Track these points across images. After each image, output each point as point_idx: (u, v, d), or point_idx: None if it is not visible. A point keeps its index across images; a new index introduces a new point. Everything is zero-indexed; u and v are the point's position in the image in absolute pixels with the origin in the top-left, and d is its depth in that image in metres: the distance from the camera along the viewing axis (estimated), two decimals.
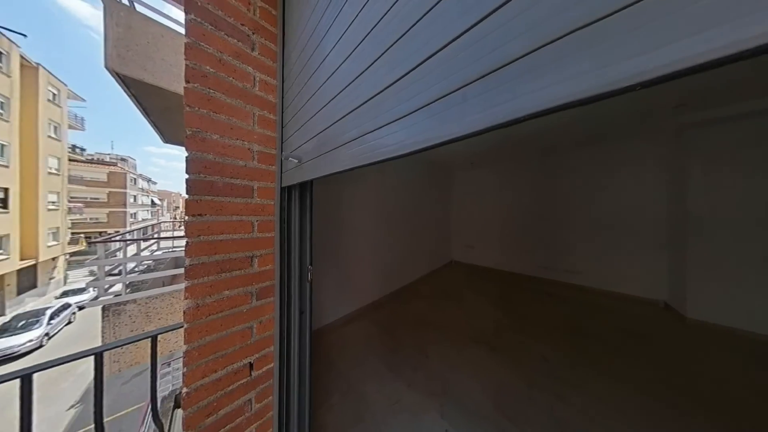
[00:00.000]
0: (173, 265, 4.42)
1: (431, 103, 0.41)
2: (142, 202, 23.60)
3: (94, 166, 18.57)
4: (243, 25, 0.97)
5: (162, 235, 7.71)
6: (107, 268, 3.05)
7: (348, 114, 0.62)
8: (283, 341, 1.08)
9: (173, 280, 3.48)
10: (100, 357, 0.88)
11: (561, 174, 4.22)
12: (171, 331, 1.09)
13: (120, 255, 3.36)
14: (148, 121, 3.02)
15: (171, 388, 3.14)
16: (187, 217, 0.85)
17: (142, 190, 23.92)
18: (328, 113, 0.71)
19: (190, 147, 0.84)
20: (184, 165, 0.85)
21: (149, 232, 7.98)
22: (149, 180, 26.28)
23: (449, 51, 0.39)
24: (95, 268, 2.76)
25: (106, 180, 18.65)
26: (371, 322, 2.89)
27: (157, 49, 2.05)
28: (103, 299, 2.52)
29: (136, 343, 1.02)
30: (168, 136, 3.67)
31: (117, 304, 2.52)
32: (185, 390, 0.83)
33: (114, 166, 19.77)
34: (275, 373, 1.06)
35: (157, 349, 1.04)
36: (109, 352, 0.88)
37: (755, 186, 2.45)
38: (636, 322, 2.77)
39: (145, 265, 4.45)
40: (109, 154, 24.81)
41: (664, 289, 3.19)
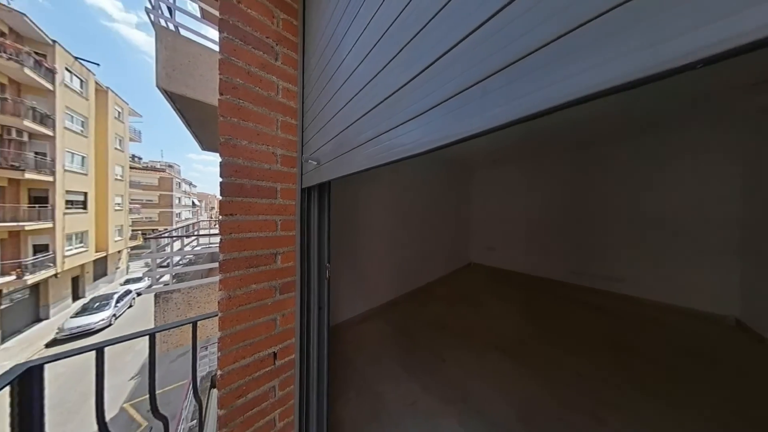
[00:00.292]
0: (210, 260, 4.92)
1: (448, 99, 0.40)
2: (185, 203, 26.77)
3: (148, 172, 21.54)
4: (268, 37, 1.04)
5: (201, 232, 8.65)
6: (158, 261, 3.52)
7: (364, 115, 0.63)
8: (303, 334, 1.14)
9: (209, 273, 3.88)
10: (153, 337, 1.02)
11: (598, 169, 3.78)
12: (208, 319, 1.22)
13: (168, 250, 3.85)
14: (189, 131, 3.40)
15: (208, 369, 3.51)
16: (221, 217, 0.94)
17: (185, 192, 27.13)
18: (344, 116, 0.73)
19: (224, 153, 0.93)
20: (218, 169, 0.94)
21: (190, 229, 9.04)
22: (190, 183, 29.71)
23: (467, 44, 0.37)
24: (149, 261, 3.22)
25: (157, 184, 21.56)
26: (386, 322, 2.90)
27: (196, 66, 2.31)
28: (155, 288, 2.91)
29: (180, 327, 1.16)
30: (205, 143, 4.10)
31: (165, 293, 2.89)
32: (219, 372, 0.92)
33: (163, 172, 22.69)
34: (296, 363, 1.12)
35: (197, 333, 1.17)
36: (159, 333, 1.02)
37: None
38: (698, 341, 2.37)
39: (188, 259, 5.03)
40: (159, 162, 28.51)
41: (734, 303, 2.68)
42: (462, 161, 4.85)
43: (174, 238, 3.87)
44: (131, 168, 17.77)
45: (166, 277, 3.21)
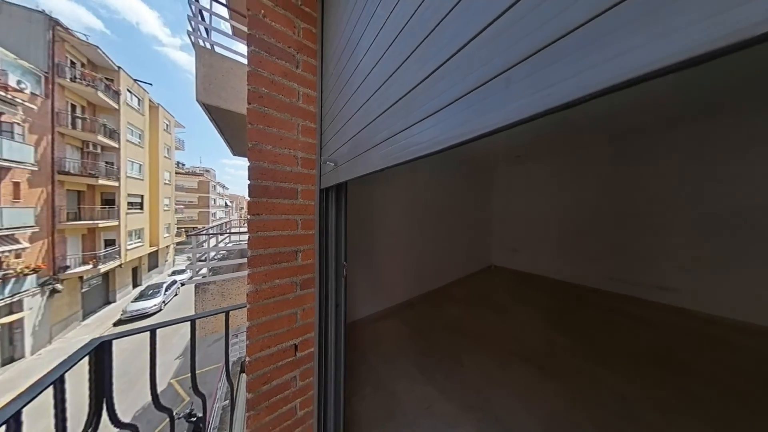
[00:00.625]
0: (239, 255, 5.38)
1: (467, 93, 0.38)
2: (219, 204, 29.77)
3: (189, 177, 24.35)
4: (289, 47, 1.10)
5: (232, 230, 9.53)
6: (197, 255, 3.96)
7: (379, 116, 0.63)
8: (322, 329, 1.19)
9: (239, 267, 4.24)
10: (193, 323, 1.15)
11: (642, 163, 3.31)
12: (238, 309, 1.34)
13: (205, 246, 4.30)
14: (222, 138, 3.76)
15: (238, 355, 3.84)
16: (249, 216, 1.02)
17: (219, 194, 30.16)
18: (360, 117, 0.75)
19: (252, 157, 1.01)
20: (246, 173, 1.02)
21: (224, 227, 10.01)
22: (223, 186, 32.94)
23: (488, 33, 0.35)
24: (190, 255, 3.63)
25: (197, 187, 24.30)
26: (402, 322, 2.88)
27: (228, 80, 2.54)
28: (195, 279, 3.28)
29: (215, 315, 1.29)
30: (236, 149, 4.49)
31: (203, 284, 3.24)
32: (248, 359, 1.00)
33: (201, 176, 25.46)
34: (315, 357, 1.17)
35: (229, 322, 1.29)
36: (198, 319, 1.14)
37: None
38: None
39: (222, 254, 5.57)
40: (198, 167, 31.95)
41: None
42: (481, 158, 4.61)
43: (210, 236, 4.32)
44: (176, 173, 20.23)
45: (204, 270, 3.60)
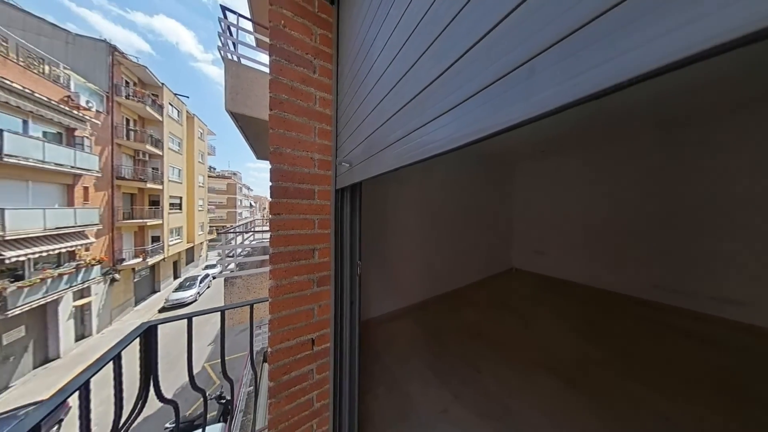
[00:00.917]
0: (262, 252, 5.76)
1: (486, 87, 0.37)
2: (244, 204, 32.21)
3: (219, 179, 26.71)
4: (307, 53, 1.14)
5: (256, 229, 10.23)
6: (226, 252, 4.32)
7: (393, 115, 0.63)
8: (337, 326, 1.22)
9: (262, 263, 4.54)
10: (223, 313, 1.25)
11: (698, 156, 2.86)
12: (261, 303, 1.43)
13: (233, 243, 4.68)
14: (247, 143, 4.05)
15: (262, 346, 4.10)
16: (270, 216, 1.08)
17: (245, 195, 32.69)
18: (375, 117, 0.75)
19: (273, 160, 1.08)
20: (268, 175, 1.09)
21: (249, 226, 10.79)
22: (248, 188, 35.57)
23: (510, 22, 0.33)
24: (220, 251, 3.97)
25: (226, 189, 26.62)
26: (416, 323, 2.85)
27: (253, 88, 2.73)
28: (224, 273, 3.58)
29: (241, 307, 1.40)
30: (259, 153, 4.80)
31: (231, 278, 3.52)
32: (270, 350, 1.07)
33: (229, 179, 27.77)
34: (331, 352, 1.21)
35: (253, 314, 1.39)
36: (227, 310, 1.25)
37: None
38: None
39: (247, 251, 6.01)
40: (226, 170, 34.83)
41: None
42: (501, 155, 4.36)
43: (237, 234, 4.68)
44: (208, 176, 22.30)
45: (232, 266, 3.91)
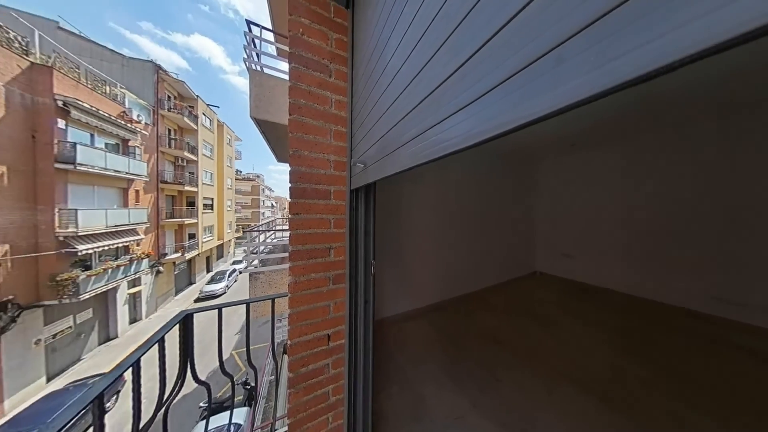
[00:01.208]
0: (282, 250, 6.10)
1: (506, 80, 0.35)
2: (267, 204, 34.42)
3: (245, 181, 28.85)
4: (323, 58, 1.18)
5: (277, 228, 10.88)
6: (251, 249, 4.65)
7: (408, 114, 0.63)
8: (352, 323, 1.25)
9: (282, 261, 4.81)
10: (248, 306, 1.35)
11: (765, 147, 2.39)
12: (281, 297, 1.52)
13: (256, 241, 5.01)
14: (269, 147, 4.31)
15: (282, 338, 4.34)
16: (290, 215, 1.14)
17: (267, 196, 34.94)
18: (389, 117, 0.75)
19: (292, 162, 1.13)
20: (288, 177, 1.15)
21: (270, 225, 11.53)
22: (270, 189, 37.95)
23: (529, 12, 0.31)
24: (246, 248, 4.29)
25: (250, 190, 28.71)
26: (430, 325, 2.79)
27: (274, 95, 2.90)
28: (249, 269, 3.86)
29: (264, 300, 1.50)
30: (280, 156, 5.09)
31: (255, 273, 3.78)
32: (289, 342, 1.13)
33: (253, 181, 29.88)
34: (346, 348, 1.24)
35: (275, 308, 1.48)
36: (252, 303, 1.34)
37: None
38: None
39: (269, 248, 6.41)
40: (251, 173, 37.48)
41: None
42: (523, 150, 4.08)
43: (260, 232, 5.01)
44: (235, 179, 24.20)
45: (256, 261, 4.20)
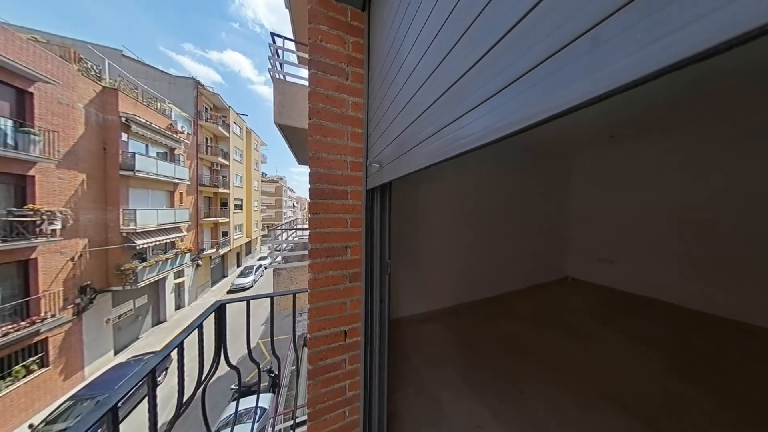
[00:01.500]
0: (303, 248, 6.42)
1: (532, 69, 0.32)
2: (289, 205, 36.63)
3: (269, 183, 31.02)
4: (341, 62, 1.22)
5: (297, 226, 11.51)
6: (275, 246, 4.97)
7: (424, 112, 0.62)
8: (368, 321, 1.27)
9: (302, 258, 5.07)
10: (272, 299, 1.45)
11: None
12: (302, 293, 1.60)
13: (280, 238, 5.34)
14: (291, 150, 4.56)
15: (302, 331, 4.57)
16: (309, 215, 1.20)
17: (289, 197, 37.15)
18: (404, 116, 0.75)
19: (312, 164, 1.18)
20: (308, 178, 1.20)
21: (292, 224, 12.23)
22: (291, 190, 40.27)
23: None
24: (270, 245, 4.60)
25: (274, 191, 30.82)
26: (447, 328, 2.71)
27: (295, 102, 3.06)
28: (273, 265, 4.13)
29: (286, 295, 1.59)
30: (300, 159, 5.36)
31: (278, 269, 4.04)
32: (309, 336, 1.18)
33: (277, 182, 32.01)
34: (362, 345, 1.26)
35: (295, 303, 1.56)
36: (276, 297, 1.44)
37: None
38: None
39: (291, 246, 6.80)
40: (274, 175, 40.09)
41: None
42: (551, 145, 3.73)
43: (282, 230, 5.34)
44: (261, 181, 26.13)
45: (279, 258, 4.49)
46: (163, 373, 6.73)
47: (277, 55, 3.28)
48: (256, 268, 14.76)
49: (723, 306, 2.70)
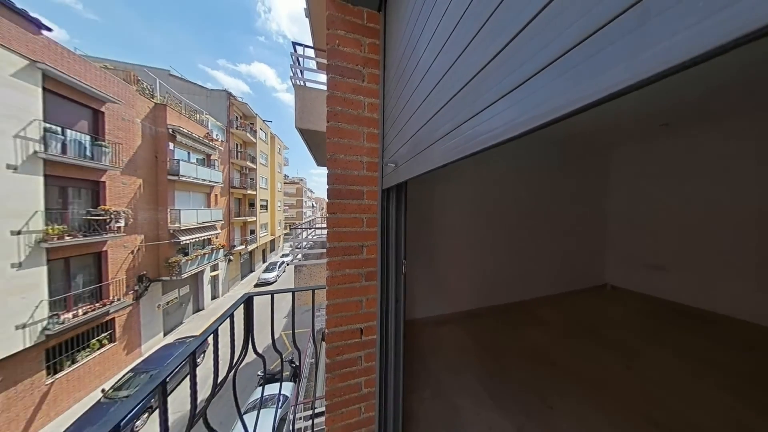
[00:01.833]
0: (321, 246, 6.70)
1: (563, 55, 0.29)
2: (308, 205, 38.52)
3: (291, 185, 32.97)
4: (357, 65, 1.24)
5: (316, 226, 12.06)
6: (296, 244, 5.27)
7: (441, 109, 0.60)
8: (383, 320, 1.28)
9: (321, 255, 5.29)
10: (293, 294, 1.54)
11: None
12: (321, 289, 1.67)
13: (300, 237, 5.64)
14: (310, 153, 4.78)
15: (321, 326, 4.76)
16: (327, 215, 1.24)
17: (308, 197, 39.07)
18: (420, 115, 0.73)
19: (330, 166, 1.23)
20: (326, 179, 1.25)
21: (311, 224, 12.86)
22: (311, 191, 42.28)
23: None
24: (291, 243, 4.89)
25: (295, 192, 32.67)
26: (466, 333, 2.60)
27: (314, 106, 3.20)
28: (294, 262, 4.38)
29: (305, 291, 1.67)
30: (319, 160, 5.59)
31: (299, 266, 4.26)
32: (326, 331, 1.23)
33: (298, 184, 33.89)
34: (377, 343, 1.28)
35: (315, 298, 1.63)
36: (297, 292, 1.52)
37: None
38: None
39: (310, 244, 7.14)
40: (295, 177, 42.39)
41: None
42: (586, 137, 3.35)
43: (303, 229, 5.62)
44: (284, 183, 27.85)
45: (300, 255, 4.74)
46: (202, 355, 7.56)
47: (298, 63, 3.46)
48: (279, 264, 15.82)
49: None
